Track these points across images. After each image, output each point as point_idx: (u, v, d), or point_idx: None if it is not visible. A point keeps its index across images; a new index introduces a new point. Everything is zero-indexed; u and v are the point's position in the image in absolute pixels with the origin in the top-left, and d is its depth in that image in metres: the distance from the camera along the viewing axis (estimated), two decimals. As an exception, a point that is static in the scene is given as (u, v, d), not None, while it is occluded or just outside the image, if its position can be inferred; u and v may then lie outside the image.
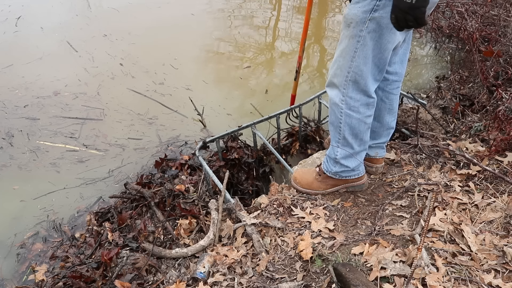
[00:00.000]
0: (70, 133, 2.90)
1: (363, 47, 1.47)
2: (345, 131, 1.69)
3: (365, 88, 1.57)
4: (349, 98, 1.60)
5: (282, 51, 4.06)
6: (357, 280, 1.31)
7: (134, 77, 3.48)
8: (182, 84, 3.43)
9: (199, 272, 1.61)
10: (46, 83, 3.35)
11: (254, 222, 1.78)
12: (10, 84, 3.33)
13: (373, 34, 1.43)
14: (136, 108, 3.17)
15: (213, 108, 3.18)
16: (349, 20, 1.47)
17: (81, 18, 4.35)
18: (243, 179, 2.50)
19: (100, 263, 1.79)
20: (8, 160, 2.67)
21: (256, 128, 2.43)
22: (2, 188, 2.49)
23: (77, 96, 3.25)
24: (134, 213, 2.11)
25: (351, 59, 1.51)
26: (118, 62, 3.66)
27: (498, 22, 3.26)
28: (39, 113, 3.05)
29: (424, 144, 2.18)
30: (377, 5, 1.38)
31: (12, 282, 1.99)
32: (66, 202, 2.41)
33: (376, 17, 1.39)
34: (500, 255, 1.41)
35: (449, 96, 2.90)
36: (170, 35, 4.15)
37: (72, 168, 2.63)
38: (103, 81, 3.43)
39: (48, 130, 2.90)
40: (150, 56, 3.76)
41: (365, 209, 1.85)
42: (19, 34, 4.04)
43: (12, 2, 4.57)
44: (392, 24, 1.38)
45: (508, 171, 1.84)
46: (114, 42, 3.95)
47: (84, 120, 3.01)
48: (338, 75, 1.59)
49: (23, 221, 2.29)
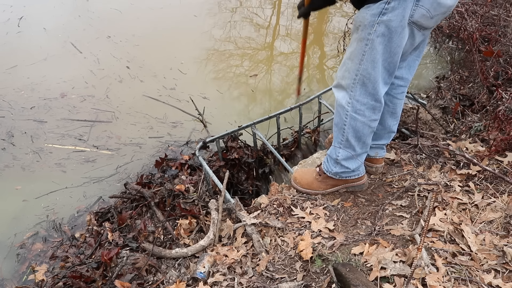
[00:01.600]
0: (79, 134, 2.89)
1: (371, 50, 1.45)
2: (349, 133, 1.69)
3: (374, 91, 1.56)
4: (356, 101, 1.60)
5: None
6: (357, 280, 1.31)
7: (142, 81, 3.46)
8: (195, 91, 3.35)
9: (199, 272, 1.61)
10: (52, 85, 3.34)
11: (254, 222, 1.78)
12: (15, 85, 3.32)
13: (382, 38, 1.42)
14: (150, 111, 3.14)
15: (225, 116, 3.13)
16: (357, 23, 1.45)
17: (84, 19, 4.33)
18: (243, 179, 2.50)
19: (100, 263, 1.79)
20: (12, 160, 2.67)
21: (256, 128, 2.42)
22: (4, 188, 2.49)
23: (85, 98, 3.23)
24: (134, 213, 2.11)
25: (359, 62, 1.50)
26: (124, 65, 3.64)
27: (498, 22, 3.26)
28: (46, 115, 3.04)
29: (424, 144, 2.18)
30: (385, 8, 1.36)
31: (12, 282, 1.99)
32: (67, 202, 2.42)
33: (385, 21, 1.37)
34: (500, 255, 1.41)
35: (449, 96, 2.90)
36: (173, 37, 4.13)
37: (77, 168, 2.64)
38: (110, 84, 3.40)
39: (54, 133, 2.89)
40: (156, 59, 3.74)
41: (365, 209, 1.85)
42: (22, 34, 4.03)
43: (13, 2, 4.55)
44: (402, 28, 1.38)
45: (508, 171, 1.84)
46: (118, 44, 3.93)
47: (93, 122, 3.00)
48: (346, 77, 1.58)
49: (23, 221, 2.30)
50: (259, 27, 4.50)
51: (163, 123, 3.05)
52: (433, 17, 1.39)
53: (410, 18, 1.37)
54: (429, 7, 1.36)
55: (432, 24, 1.45)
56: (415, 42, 1.50)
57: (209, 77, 3.60)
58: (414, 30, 1.43)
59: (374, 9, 1.38)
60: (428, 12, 1.37)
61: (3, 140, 2.80)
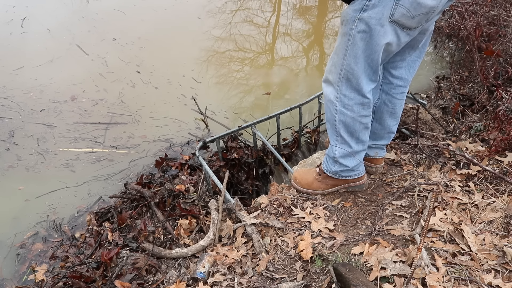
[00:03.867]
0: (93, 137, 2.89)
1: (353, 46, 1.47)
2: (340, 128, 1.69)
3: (358, 87, 1.56)
4: (343, 96, 1.60)
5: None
6: (357, 280, 1.31)
7: (157, 89, 3.39)
8: (213, 99, 3.29)
9: (199, 272, 1.61)
10: (62, 87, 3.32)
11: (254, 222, 1.78)
12: (23, 87, 3.30)
13: (363, 34, 1.43)
14: (175, 115, 3.12)
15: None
16: (342, 18, 1.48)
17: (88, 20, 4.30)
18: (243, 179, 2.50)
19: (100, 263, 1.79)
20: (16, 161, 2.67)
21: (256, 128, 2.43)
22: (6, 188, 2.49)
23: (97, 102, 3.20)
24: (134, 213, 2.11)
25: (343, 57, 1.52)
26: (133, 69, 3.60)
27: (498, 22, 3.26)
28: (56, 119, 3.01)
29: (424, 144, 2.18)
30: (366, 5, 1.37)
31: (12, 282, 1.99)
32: (70, 201, 2.42)
33: (365, 17, 1.38)
34: (500, 255, 1.41)
35: (449, 96, 2.90)
36: (178, 39, 4.09)
37: (86, 168, 2.65)
38: (123, 88, 3.36)
39: (65, 137, 2.88)
40: (166, 64, 3.68)
41: (365, 209, 1.85)
42: (26, 35, 4.01)
43: (16, 3, 4.54)
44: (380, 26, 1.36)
45: (508, 171, 1.84)
46: (124, 46, 3.90)
47: (108, 125, 2.99)
48: (332, 71, 1.59)
49: (23, 221, 2.30)
50: (258, 26, 4.50)
51: (176, 123, 3.04)
52: (414, 17, 1.38)
53: (391, 17, 1.37)
54: (409, 7, 1.35)
55: (415, 24, 1.43)
56: (400, 42, 1.49)
57: (212, 81, 3.58)
58: (397, 29, 1.42)
59: (356, 5, 1.40)
60: (409, 11, 1.36)
61: (15, 145, 2.78)
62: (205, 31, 4.24)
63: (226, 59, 3.91)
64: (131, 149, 2.81)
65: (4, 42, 3.88)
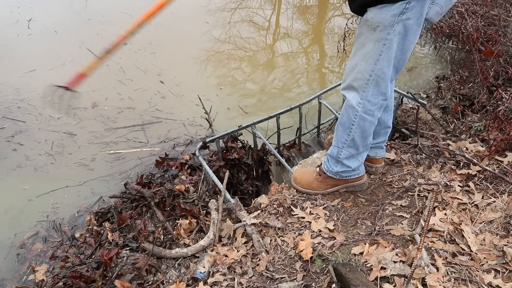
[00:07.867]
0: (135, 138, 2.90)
1: (388, 50, 1.47)
2: (356, 133, 1.69)
3: (385, 90, 1.59)
4: (367, 102, 1.61)
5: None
6: (357, 280, 1.31)
7: (192, 101, 3.27)
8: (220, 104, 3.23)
9: (199, 272, 1.61)
10: (81, 94, 3.30)
11: (254, 222, 1.78)
12: (39, 90, 3.24)
13: (399, 36, 1.44)
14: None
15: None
16: (375, 24, 1.44)
17: (95, 23, 4.22)
18: (243, 179, 2.50)
19: (100, 263, 1.79)
20: (22, 160, 2.68)
21: (256, 128, 2.42)
22: (10, 188, 2.49)
23: (122, 110, 3.14)
24: (134, 213, 2.11)
25: (375, 62, 1.51)
26: (155, 78, 3.50)
27: (498, 22, 3.26)
28: (76, 127, 2.97)
29: (424, 144, 2.18)
30: (406, 8, 1.37)
31: (12, 282, 1.99)
32: (71, 202, 2.42)
33: (404, 20, 1.39)
34: (500, 255, 1.41)
35: (449, 96, 2.90)
36: (187, 43, 4.02)
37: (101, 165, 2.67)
38: (151, 98, 3.30)
39: (84, 144, 2.85)
40: (188, 76, 3.58)
41: (365, 209, 1.85)
42: (33, 37, 3.96)
43: (20, 3, 4.48)
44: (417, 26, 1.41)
45: (508, 171, 1.84)
46: (137, 52, 3.82)
47: (145, 125, 2.98)
48: (358, 79, 1.58)
49: (24, 221, 2.30)
50: (258, 27, 4.50)
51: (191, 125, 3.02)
52: (443, 13, 1.45)
53: (426, 15, 1.42)
54: (442, 4, 1.42)
55: (437, 20, 1.51)
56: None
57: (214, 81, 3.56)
58: (422, 26, 1.47)
59: (395, 10, 1.38)
60: (441, 8, 1.42)
61: (49, 156, 2.75)
62: (213, 37, 4.18)
63: (236, 62, 3.87)
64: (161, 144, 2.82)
65: (13, 44, 3.84)
